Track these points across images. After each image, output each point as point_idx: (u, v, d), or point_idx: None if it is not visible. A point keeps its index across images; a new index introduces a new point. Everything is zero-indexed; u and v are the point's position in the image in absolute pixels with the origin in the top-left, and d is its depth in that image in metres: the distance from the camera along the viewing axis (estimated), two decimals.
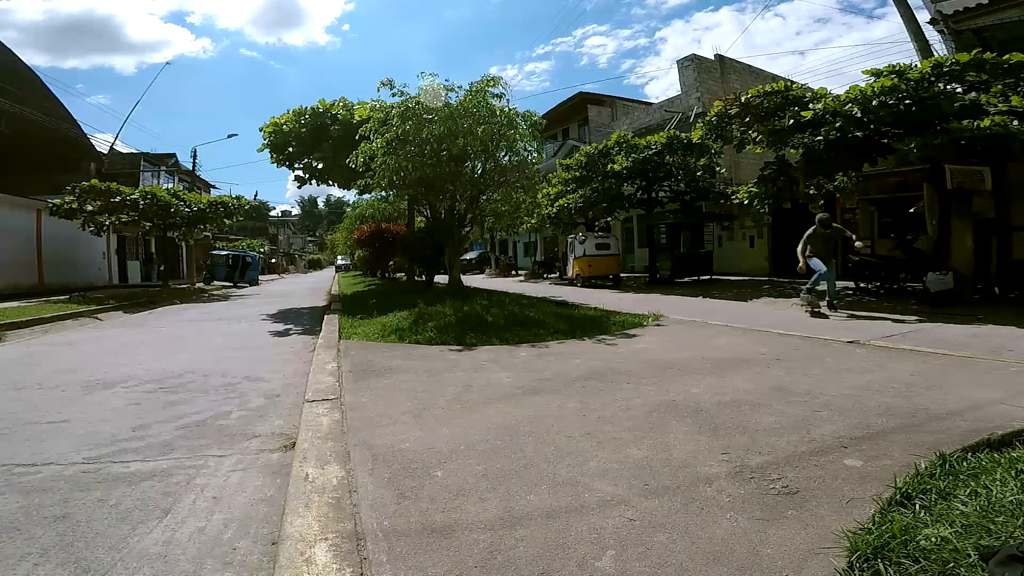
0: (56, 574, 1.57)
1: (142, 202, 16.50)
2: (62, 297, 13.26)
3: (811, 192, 10.56)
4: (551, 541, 1.60)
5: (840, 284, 12.60)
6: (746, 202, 11.86)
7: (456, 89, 9.34)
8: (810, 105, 9.09)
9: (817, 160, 9.41)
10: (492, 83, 9.30)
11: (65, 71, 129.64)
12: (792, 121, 9.18)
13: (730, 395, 3.14)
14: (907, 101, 7.81)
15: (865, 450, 2.23)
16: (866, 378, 3.47)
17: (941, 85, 7.75)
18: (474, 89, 9.19)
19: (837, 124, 8.43)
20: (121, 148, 25.20)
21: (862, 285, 10.67)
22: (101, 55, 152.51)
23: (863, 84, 8.46)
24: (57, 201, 16.00)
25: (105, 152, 22.78)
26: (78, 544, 1.75)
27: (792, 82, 10.74)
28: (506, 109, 9.26)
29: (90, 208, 15.70)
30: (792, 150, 10.54)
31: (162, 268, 21.13)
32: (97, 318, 9.88)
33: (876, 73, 8.46)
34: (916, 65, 8.53)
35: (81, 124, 20.75)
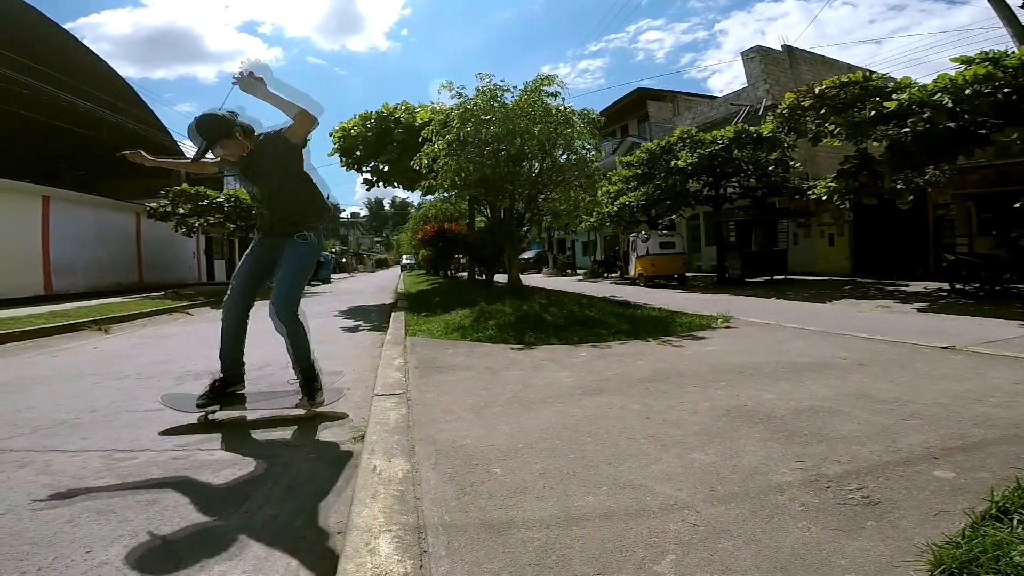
0: (143, 556, 1.70)
1: (227, 205, 17.72)
2: (158, 294, 14.48)
3: (898, 187, 9.87)
4: (608, 543, 1.57)
5: (933, 285, 11.64)
6: (824, 198, 11.24)
7: (511, 89, 9.40)
8: (893, 95, 8.52)
9: (904, 153, 8.76)
10: (546, 82, 9.28)
11: (154, 81, 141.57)
12: (874, 112, 8.63)
13: (807, 401, 2.96)
14: (1006, 89, 7.16)
15: (959, 462, 2.05)
16: (963, 386, 3.18)
17: None
18: (529, 88, 9.21)
19: (925, 115, 7.86)
20: None
21: (958, 286, 9.78)
22: (184, 65, 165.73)
23: (952, 72, 7.88)
24: (153, 204, 17.50)
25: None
26: (164, 528, 1.88)
27: (871, 72, 10.09)
28: (562, 107, 9.22)
29: (182, 211, 17.04)
30: (875, 143, 9.90)
31: None
32: (188, 313, 10.71)
33: (967, 61, 7.84)
34: (1013, 51, 7.84)
35: (171, 131, 22.50)
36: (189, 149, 24.65)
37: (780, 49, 20.72)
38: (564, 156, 9.87)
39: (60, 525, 1.90)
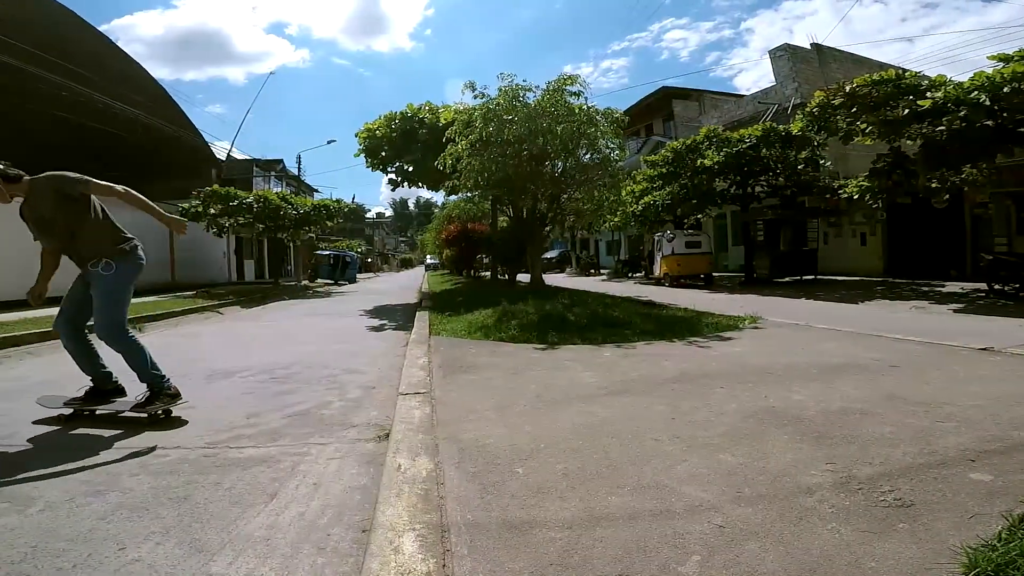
0: (174, 553, 1.73)
1: (256, 205, 18.08)
2: (189, 293, 14.86)
3: (933, 186, 9.60)
4: (631, 543, 1.56)
5: (970, 285, 11.23)
6: (856, 197, 11.00)
7: (534, 89, 9.40)
8: (928, 93, 8.33)
9: (939, 151, 8.57)
10: (569, 81, 9.26)
11: (186, 83, 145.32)
12: (907, 111, 8.44)
13: (837, 403, 2.90)
14: None
15: (996, 464, 1.98)
16: (1001, 388, 3.07)
17: None
18: (551, 88, 9.20)
19: (962, 113, 7.70)
20: (236, 155, 27.59)
21: (997, 287, 9.46)
22: (214, 66, 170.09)
23: (990, 70, 7.68)
24: (185, 205, 17.93)
25: (223, 159, 25.16)
26: (195, 525, 1.92)
27: (904, 70, 9.85)
28: (585, 107, 9.19)
29: (212, 211, 17.43)
30: (908, 141, 9.65)
31: (290, 268, 23.06)
32: (219, 312, 10.97)
33: (1005, 58, 7.69)
34: None
35: (201, 132, 22.97)
36: (218, 150, 25.12)
37: (809, 47, 20.30)
38: (588, 155, 9.83)
39: (94, 522, 1.94)
